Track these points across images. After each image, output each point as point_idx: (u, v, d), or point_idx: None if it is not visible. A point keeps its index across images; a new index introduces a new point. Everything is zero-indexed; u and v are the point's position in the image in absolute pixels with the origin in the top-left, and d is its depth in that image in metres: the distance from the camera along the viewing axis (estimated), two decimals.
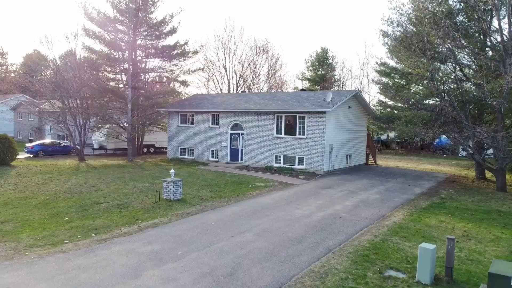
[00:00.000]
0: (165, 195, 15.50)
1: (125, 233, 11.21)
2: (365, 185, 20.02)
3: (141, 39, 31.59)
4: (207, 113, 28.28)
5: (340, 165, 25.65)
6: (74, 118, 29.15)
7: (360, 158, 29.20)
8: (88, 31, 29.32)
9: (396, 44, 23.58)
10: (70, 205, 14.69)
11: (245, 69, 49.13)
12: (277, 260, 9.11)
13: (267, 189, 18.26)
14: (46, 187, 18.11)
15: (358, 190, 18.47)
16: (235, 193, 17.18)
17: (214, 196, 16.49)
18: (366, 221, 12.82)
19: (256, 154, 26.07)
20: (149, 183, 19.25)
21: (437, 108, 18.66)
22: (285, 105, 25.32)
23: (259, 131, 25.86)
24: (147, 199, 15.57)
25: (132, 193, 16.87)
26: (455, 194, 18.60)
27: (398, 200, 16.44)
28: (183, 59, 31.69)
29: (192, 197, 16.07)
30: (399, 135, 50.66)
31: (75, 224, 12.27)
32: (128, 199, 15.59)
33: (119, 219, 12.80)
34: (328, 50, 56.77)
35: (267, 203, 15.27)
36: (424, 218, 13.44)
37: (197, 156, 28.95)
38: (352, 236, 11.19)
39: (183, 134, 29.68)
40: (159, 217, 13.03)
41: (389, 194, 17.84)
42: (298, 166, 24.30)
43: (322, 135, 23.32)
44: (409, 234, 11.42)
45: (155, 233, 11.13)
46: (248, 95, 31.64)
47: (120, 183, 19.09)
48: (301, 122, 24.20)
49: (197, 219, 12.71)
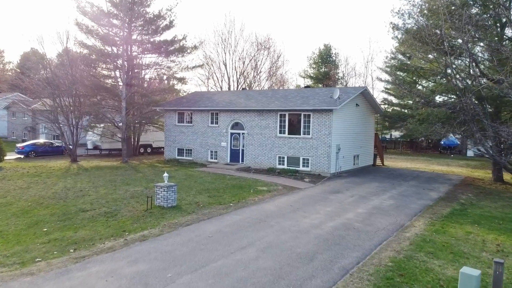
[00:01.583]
0: (157, 201, 14.00)
1: (108, 249, 9.71)
2: (376, 189, 18.51)
3: (137, 34, 30.10)
4: (206, 111, 26.78)
5: (347, 167, 24.14)
6: (66, 117, 27.72)
7: (368, 159, 27.68)
8: (81, 25, 27.81)
9: (408, 37, 22.01)
10: (52, 213, 13.22)
11: (246, 66, 47.58)
12: (285, 285, 7.62)
13: (271, 194, 16.76)
14: (30, 191, 16.63)
15: (369, 195, 16.96)
16: (235, 198, 15.68)
17: (212, 202, 14.99)
18: (384, 233, 11.32)
19: (257, 155, 24.57)
20: (142, 187, 17.76)
21: (457, 106, 17.08)
22: (288, 103, 23.80)
23: (261, 130, 24.36)
24: (138, 206, 14.09)
25: (123, 198, 15.38)
26: (475, 199, 17.09)
27: (415, 207, 14.92)
28: (181, 55, 30.15)
29: (188, 204, 14.58)
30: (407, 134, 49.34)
31: (54, 236, 10.79)
32: (117, 206, 14.10)
33: (104, 230, 11.32)
34: (332, 47, 55.24)
35: (270, 210, 13.78)
36: (448, 228, 11.93)
37: (196, 157, 27.45)
38: (370, 252, 9.69)
39: (181, 133, 28.18)
40: (149, 228, 11.54)
41: (404, 199, 16.33)
42: (303, 168, 22.79)
43: (329, 135, 21.79)
44: (435, 249, 9.92)
45: (143, 249, 9.63)
46: (249, 93, 30.12)
47: (111, 187, 17.60)
48: (305, 120, 22.69)
49: (192, 231, 11.22)
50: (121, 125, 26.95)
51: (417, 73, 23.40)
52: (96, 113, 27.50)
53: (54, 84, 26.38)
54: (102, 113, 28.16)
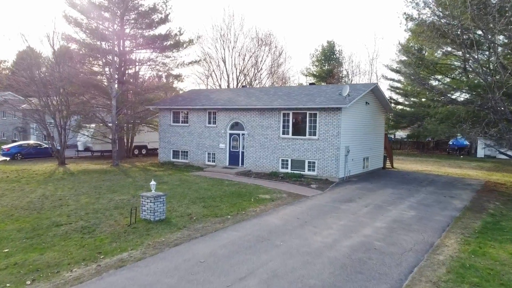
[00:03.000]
0: (143, 214, 12.09)
1: (74, 280, 7.80)
2: (392, 197, 16.58)
3: (130, 28, 28.21)
4: (203, 110, 24.85)
5: (357, 171, 22.21)
6: (53, 117, 25.85)
7: (378, 162, 25.75)
8: (69, 18, 25.93)
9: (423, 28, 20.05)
10: (20, 228, 11.31)
11: (246, 63, 45.62)
12: None
13: (274, 204, 14.82)
14: (3, 200, 14.73)
15: (386, 204, 15.03)
16: (234, 209, 13.76)
17: (207, 213, 13.07)
18: (413, 255, 9.38)
19: (259, 157, 22.64)
20: (129, 195, 15.84)
21: (487, 103, 15.11)
22: (292, 101, 21.87)
23: (262, 131, 22.44)
24: (121, 219, 12.17)
25: (105, 209, 13.47)
26: (505, 208, 15.14)
27: (441, 219, 12.98)
28: (176, 50, 28.23)
29: (179, 216, 12.66)
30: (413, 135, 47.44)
31: (14, 260, 8.88)
32: (97, 219, 12.19)
33: (76, 252, 9.41)
34: (335, 44, 53.25)
35: (274, 224, 11.85)
36: (487, 248, 10.00)
37: (192, 160, 25.53)
38: (401, 283, 7.76)
39: (176, 134, 26.25)
40: (130, 248, 9.61)
41: (425, 210, 14.39)
42: (309, 172, 20.86)
43: (337, 136, 19.86)
44: (481, 279, 7.99)
45: (117, 281, 7.72)
46: (250, 90, 28.17)
47: (94, 195, 15.69)
48: (311, 120, 20.77)
49: (181, 253, 9.29)
50: (111, 125, 25.03)
51: (433, 68, 21.44)
52: (85, 112, 25.57)
53: (40, 81, 24.46)
54: (92, 112, 26.23)
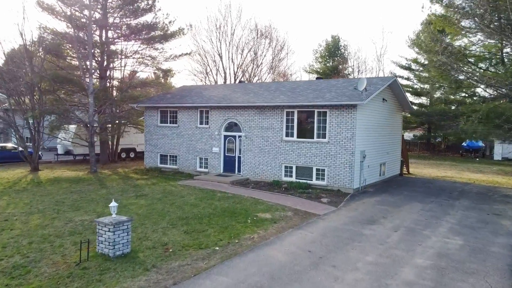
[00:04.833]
0: (99, 247, 8.88)
1: None
2: (423, 215, 13.35)
3: (112, 16, 25.01)
4: (194, 108, 21.64)
5: (373, 179, 19.02)
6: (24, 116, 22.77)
7: (395, 167, 22.53)
8: (42, 3, 22.76)
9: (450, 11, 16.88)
10: None
11: (245, 57, 42.39)
12: None
13: (277, 227, 11.59)
14: None
15: (420, 227, 11.79)
16: (224, 235, 10.54)
17: (189, 243, 9.86)
18: None
19: (258, 163, 19.45)
20: (94, 214, 12.61)
21: None
22: (297, 97, 18.68)
23: (262, 132, 19.25)
24: (72, 253, 8.97)
25: (57, 236, 10.27)
26: None
27: (500, 251, 9.76)
28: (165, 41, 25.06)
29: (151, 247, 9.45)
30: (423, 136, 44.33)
31: None
32: (40, 253, 8.99)
33: None
34: (340, 39, 50.02)
35: (278, 263, 8.63)
36: None
37: (182, 166, 22.32)
38: None
39: (164, 136, 23.05)
40: None
41: (473, 235, 11.15)
42: (317, 182, 17.66)
43: (352, 138, 16.66)
44: None
45: None
46: (248, 86, 24.94)
47: (50, 215, 12.48)
48: (320, 120, 17.58)
49: None
50: (89, 126, 21.83)
51: (463, 57, 18.23)
52: (60, 111, 22.38)
53: (6, 76, 21.34)
54: (69, 111, 23.03)
